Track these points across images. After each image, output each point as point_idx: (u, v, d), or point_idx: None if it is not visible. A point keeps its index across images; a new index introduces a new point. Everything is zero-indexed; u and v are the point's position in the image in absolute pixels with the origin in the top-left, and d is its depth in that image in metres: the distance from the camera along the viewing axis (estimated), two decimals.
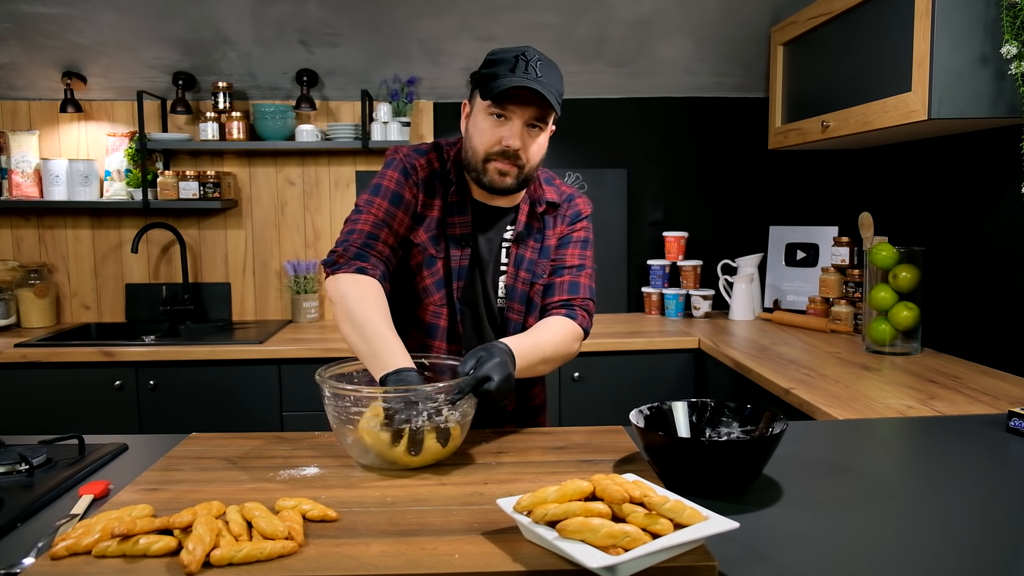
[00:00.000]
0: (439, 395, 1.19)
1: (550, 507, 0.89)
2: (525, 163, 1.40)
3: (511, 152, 1.37)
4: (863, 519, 1.02)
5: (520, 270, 1.51)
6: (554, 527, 0.89)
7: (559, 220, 1.55)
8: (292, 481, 1.16)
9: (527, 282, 1.52)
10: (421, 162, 1.48)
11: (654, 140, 3.19)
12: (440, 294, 1.50)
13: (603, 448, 1.30)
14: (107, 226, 3.07)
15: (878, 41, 2.09)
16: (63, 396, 2.53)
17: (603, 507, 0.89)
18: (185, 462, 1.25)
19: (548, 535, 0.88)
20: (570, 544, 0.85)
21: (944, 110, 1.83)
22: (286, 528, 0.93)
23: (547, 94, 1.31)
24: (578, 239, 1.55)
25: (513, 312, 1.53)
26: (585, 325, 1.51)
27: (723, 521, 0.89)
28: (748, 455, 1.08)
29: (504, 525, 0.99)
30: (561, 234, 1.55)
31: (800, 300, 2.98)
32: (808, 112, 2.51)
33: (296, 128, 2.94)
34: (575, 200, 1.58)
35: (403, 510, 1.05)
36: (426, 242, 1.48)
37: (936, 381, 1.92)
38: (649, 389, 2.66)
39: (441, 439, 1.20)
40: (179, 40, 2.80)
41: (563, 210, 1.55)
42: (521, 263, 1.51)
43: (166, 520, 0.94)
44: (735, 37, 2.90)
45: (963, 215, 2.27)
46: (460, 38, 2.86)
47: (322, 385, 1.23)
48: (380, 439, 1.18)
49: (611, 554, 0.83)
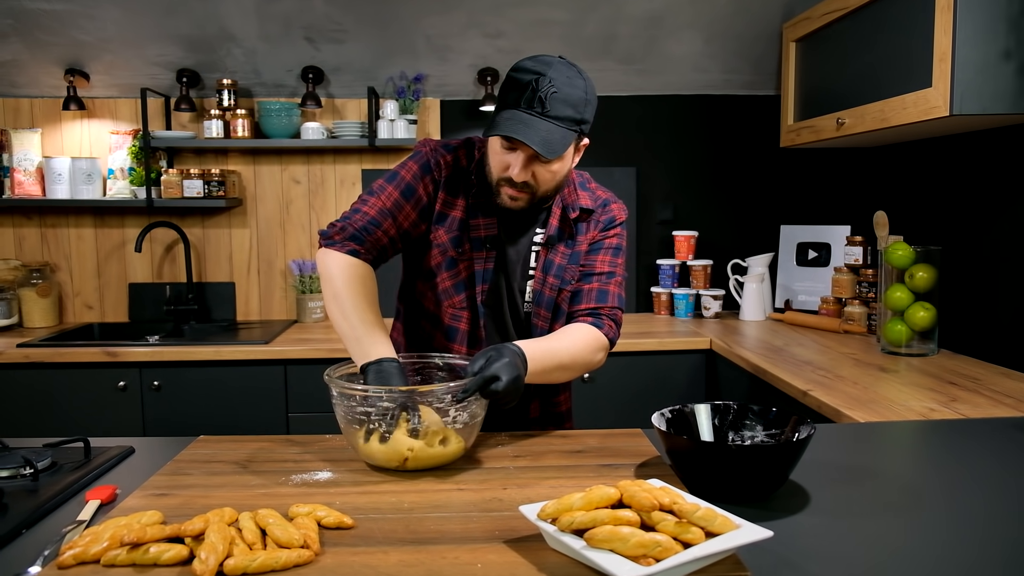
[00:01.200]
0: (446, 395, 1.16)
1: (576, 515, 0.86)
2: (536, 189, 1.35)
3: (517, 183, 1.33)
4: (895, 526, 0.98)
5: (549, 275, 1.46)
6: (581, 536, 0.85)
7: (592, 225, 1.49)
8: (305, 486, 1.13)
9: (555, 288, 1.47)
10: (447, 159, 1.43)
11: (663, 138, 3.16)
12: (460, 296, 1.46)
13: (621, 452, 1.27)
14: (110, 225, 3.04)
15: (896, 36, 2.05)
16: (66, 397, 2.49)
17: (632, 515, 0.86)
18: (194, 466, 1.21)
19: (575, 544, 0.85)
20: (599, 554, 0.82)
21: (966, 106, 1.79)
22: (301, 536, 0.90)
23: (540, 144, 1.24)
24: (610, 246, 1.50)
25: (539, 319, 1.48)
26: (611, 335, 1.46)
27: (756, 530, 0.85)
28: (776, 460, 1.04)
29: (526, 533, 0.95)
30: (593, 239, 1.49)
31: (812, 300, 2.95)
32: (822, 109, 2.47)
33: (301, 126, 2.91)
34: (610, 206, 1.52)
35: (420, 516, 1.01)
36: (447, 243, 1.43)
37: (956, 383, 1.88)
38: (660, 390, 2.63)
39: (445, 441, 1.18)
40: (183, 37, 2.76)
41: (597, 215, 1.49)
42: (550, 268, 1.46)
43: (177, 528, 0.90)
44: (745, 34, 2.87)
45: (981, 214, 2.23)
46: (468, 35, 2.82)
47: (330, 385, 1.20)
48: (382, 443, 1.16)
49: (642, 564, 0.80)
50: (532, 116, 1.26)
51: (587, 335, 1.42)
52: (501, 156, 1.33)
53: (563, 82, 1.27)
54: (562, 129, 1.28)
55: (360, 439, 1.18)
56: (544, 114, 1.26)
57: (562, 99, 1.27)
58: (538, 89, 1.26)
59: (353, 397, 1.17)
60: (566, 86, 1.27)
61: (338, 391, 1.19)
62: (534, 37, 2.82)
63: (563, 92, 1.27)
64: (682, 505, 0.86)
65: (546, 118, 1.26)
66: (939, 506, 1.06)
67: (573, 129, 1.30)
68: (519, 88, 1.28)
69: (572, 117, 1.28)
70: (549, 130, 1.26)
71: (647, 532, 0.83)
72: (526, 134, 1.25)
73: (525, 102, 1.27)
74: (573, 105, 1.28)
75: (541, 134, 1.25)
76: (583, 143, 1.38)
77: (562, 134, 1.28)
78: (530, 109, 1.26)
